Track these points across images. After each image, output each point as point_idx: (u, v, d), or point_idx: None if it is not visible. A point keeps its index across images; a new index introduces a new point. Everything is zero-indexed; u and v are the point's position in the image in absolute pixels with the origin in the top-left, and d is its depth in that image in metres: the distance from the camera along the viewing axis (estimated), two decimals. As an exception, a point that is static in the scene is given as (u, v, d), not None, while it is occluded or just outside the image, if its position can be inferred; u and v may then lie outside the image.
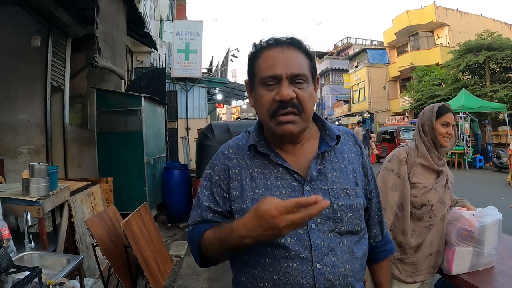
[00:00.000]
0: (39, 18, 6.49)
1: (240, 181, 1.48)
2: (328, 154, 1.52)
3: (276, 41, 1.44)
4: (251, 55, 1.49)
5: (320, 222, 1.40)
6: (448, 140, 2.90)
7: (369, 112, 37.42)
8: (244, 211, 1.40)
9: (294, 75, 1.39)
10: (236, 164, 1.52)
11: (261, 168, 1.49)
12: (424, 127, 2.91)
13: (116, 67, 6.01)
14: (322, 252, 1.38)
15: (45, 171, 3.61)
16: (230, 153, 1.56)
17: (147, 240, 3.97)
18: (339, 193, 1.46)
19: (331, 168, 1.50)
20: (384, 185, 2.77)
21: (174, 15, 20.88)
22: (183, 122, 14.84)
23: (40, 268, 2.21)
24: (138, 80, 11.38)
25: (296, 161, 1.48)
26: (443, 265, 2.88)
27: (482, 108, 19.50)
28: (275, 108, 1.40)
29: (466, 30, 29.40)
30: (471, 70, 25.23)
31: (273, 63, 1.40)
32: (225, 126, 7.35)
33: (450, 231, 2.83)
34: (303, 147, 1.52)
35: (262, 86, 1.42)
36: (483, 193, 10.58)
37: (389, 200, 2.75)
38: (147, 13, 11.18)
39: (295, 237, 1.38)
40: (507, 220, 7.80)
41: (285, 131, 1.41)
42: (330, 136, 1.54)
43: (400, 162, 2.83)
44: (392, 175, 2.81)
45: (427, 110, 2.97)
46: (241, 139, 1.60)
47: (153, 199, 8.29)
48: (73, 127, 8.46)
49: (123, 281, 3.52)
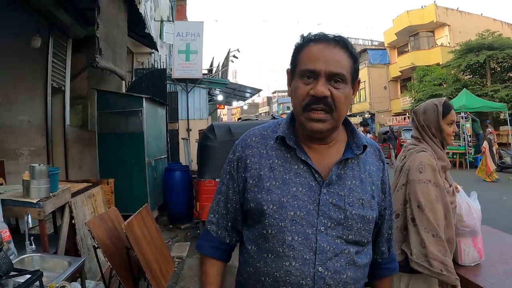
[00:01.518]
0: (39, 19, 6.47)
1: (258, 170, 1.50)
2: (351, 162, 1.51)
3: (323, 36, 1.44)
4: (296, 46, 1.48)
5: (330, 226, 1.40)
6: (453, 138, 2.86)
7: (370, 113, 37.44)
8: (258, 201, 1.45)
9: (332, 73, 1.38)
10: (257, 153, 1.53)
11: (282, 161, 1.49)
12: (431, 129, 2.80)
13: (117, 68, 5.99)
14: (326, 256, 1.38)
15: (46, 173, 3.58)
16: (252, 141, 1.57)
17: (148, 242, 3.94)
18: (354, 201, 1.45)
19: (351, 176, 1.49)
20: (428, 200, 2.51)
21: (174, 16, 20.90)
22: (184, 123, 14.83)
23: (41, 272, 2.18)
24: (138, 81, 11.37)
25: (319, 161, 1.47)
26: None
27: (483, 108, 19.51)
28: (308, 101, 1.39)
29: (467, 30, 29.46)
30: (472, 70, 25.29)
31: (315, 58, 1.39)
32: (227, 126, 7.32)
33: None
34: (329, 149, 1.52)
35: (300, 78, 1.42)
36: (485, 192, 10.55)
37: (438, 214, 2.50)
38: (148, 14, 11.18)
39: (303, 236, 1.38)
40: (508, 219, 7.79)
41: (313, 128, 1.41)
42: (357, 144, 1.53)
43: (434, 170, 2.61)
44: (431, 187, 2.57)
45: (429, 109, 2.81)
46: (267, 128, 1.61)
47: (154, 200, 8.26)
48: (74, 128, 8.44)
49: (125, 283, 3.50)
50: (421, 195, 2.53)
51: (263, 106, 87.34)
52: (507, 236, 3.61)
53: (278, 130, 1.53)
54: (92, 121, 8.93)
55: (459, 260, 2.82)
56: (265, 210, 1.42)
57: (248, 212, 1.52)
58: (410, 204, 2.57)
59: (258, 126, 1.66)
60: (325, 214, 1.40)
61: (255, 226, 1.49)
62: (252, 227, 1.51)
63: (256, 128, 1.64)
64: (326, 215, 1.40)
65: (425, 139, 2.80)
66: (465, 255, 2.81)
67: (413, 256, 2.48)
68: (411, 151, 2.79)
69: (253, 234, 1.50)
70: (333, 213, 1.40)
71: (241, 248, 1.58)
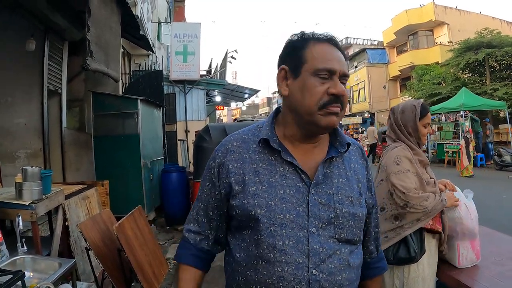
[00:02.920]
0: (35, 22, 6.49)
1: (242, 175, 1.45)
2: (336, 160, 1.51)
3: (328, 36, 1.46)
4: (298, 42, 1.47)
5: (321, 226, 1.38)
6: (425, 139, 2.97)
7: (369, 112, 37.40)
8: (245, 207, 1.41)
9: (344, 74, 1.41)
10: (239, 158, 1.49)
11: (267, 164, 1.45)
12: (408, 128, 2.91)
13: (109, 70, 6.01)
14: (319, 258, 1.35)
15: (38, 175, 3.60)
16: (233, 146, 1.53)
17: (141, 243, 3.95)
18: (343, 199, 1.44)
19: (338, 174, 1.48)
20: (407, 188, 2.65)
21: (173, 17, 20.92)
22: (182, 124, 14.84)
23: (22, 272, 2.19)
24: (135, 83, 11.41)
25: (304, 161, 1.45)
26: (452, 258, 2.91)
27: (483, 106, 19.49)
28: (327, 101, 1.38)
29: (466, 28, 29.37)
30: (471, 68, 25.27)
31: (330, 58, 1.40)
32: (222, 127, 7.34)
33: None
34: (314, 149, 1.51)
35: (315, 77, 1.39)
36: (485, 191, 10.56)
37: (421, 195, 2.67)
38: (144, 16, 11.20)
39: (294, 240, 1.35)
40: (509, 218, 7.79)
41: (331, 122, 1.39)
42: (341, 142, 1.53)
43: (410, 161, 2.78)
44: (411, 175, 2.73)
45: (407, 110, 2.94)
46: (247, 132, 1.58)
47: (151, 202, 8.28)
48: (71, 130, 8.46)
49: (117, 285, 3.51)
50: (399, 183, 2.67)
51: (263, 107, 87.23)
52: (503, 237, 3.62)
53: (260, 133, 1.50)
54: (89, 124, 8.94)
55: (457, 263, 2.85)
56: (253, 215, 1.38)
57: (234, 219, 1.48)
58: (396, 196, 2.68)
59: (237, 131, 1.63)
60: (315, 215, 1.37)
61: (242, 233, 1.46)
62: (239, 234, 1.48)
63: (236, 133, 1.60)
64: (316, 216, 1.37)
65: (400, 138, 2.94)
66: (463, 258, 2.84)
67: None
68: (387, 149, 2.91)
69: (241, 241, 1.46)
70: (323, 212, 1.38)
71: (227, 258, 1.54)
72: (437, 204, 2.67)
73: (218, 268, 3.56)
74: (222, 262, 1.58)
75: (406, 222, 2.66)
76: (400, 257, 2.67)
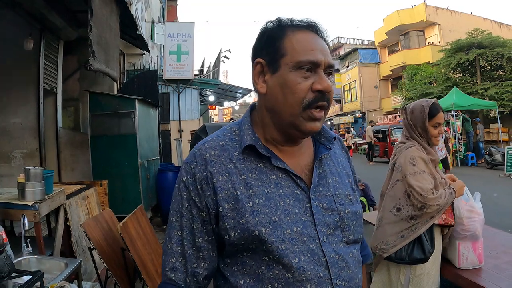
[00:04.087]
0: (31, 21, 6.47)
1: (232, 189, 1.22)
2: (325, 158, 1.38)
3: (308, 23, 1.27)
4: (275, 30, 1.27)
5: (329, 233, 1.24)
6: (439, 139, 2.96)
7: (361, 112, 37.59)
8: (244, 227, 1.19)
9: (330, 65, 1.24)
10: (223, 169, 1.25)
11: (256, 173, 1.25)
12: (417, 129, 2.91)
13: (109, 70, 6.00)
14: (338, 267, 1.21)
15: (41, 175, 3.60)
16: (212, 156, 1.27)
17: (144, 242, 3.96)
18: (343, 199, 1.32)
19: (330, 173, 1.35)
20: (424, 190, 2.66)
21: (165, 17, 20.85)
22: (175, 124, 14.82)
23: (41, 272, 2.21)
24: (130, 82, 11.37)
25: (295, 165, 1.30)
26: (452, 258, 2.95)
27: (474, 106, 19.62)
28: (312, 99, 1.20)
29: (457, 29, 29.66)
30: (462, 68, 25.47)
31: (313, 47, 1.22)
32: (219, 127, 7.24)
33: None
34: (301, 149, 1.35)
35: (296, 71, 1.21)
36: (476, 190, 10.64)
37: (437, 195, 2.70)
38: (139, 15, 11.16)
39: (309, 254, 1.19)
40: (500, 216, 7.89)
41: (313, 129, 1.24)
42: (327, 138, 1.40)
43: (425, 161, 2.80)
44: (427, 176, 2.74)
45: (416, 110, 2.94)
46: (222, 138, 1.33)
47: (147, 201, 8.26)
48: (66, 130, 8.43)
49: (121, 284, 3.52)
50: (416, 185, 2.67)
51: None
52: (496, 231, 3.71)
53: (243, 138, 1.29)
54: (84, 123, 8.92)
55: (457, 264, 2.89)
56: (257, 235, 1.17)
57: (227, 244, 1.24)
58: (413, 197, 2.69)
59: (207, 137, 1.37)
60: (322, 222, 1.23)
61: (239, 256, 1.24)
62: (234, 259, 1.25)
63: (209, 139, 1.34)
64: (322, 223, 1.23)
65: (413, 137, 2.93)
66: (464, 258, 2.87)
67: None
68: (400, 148, 2.92)
69: (241, 265, 1.23)
70: (328, 218, 1.25)
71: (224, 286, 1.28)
72: (448, 198, 2.71)
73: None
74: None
75: (421, 220, 2.70)
76: (415, 258, 2.69)
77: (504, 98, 21.75)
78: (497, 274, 2.71)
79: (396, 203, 2.75)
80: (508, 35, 28.36)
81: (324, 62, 1.21)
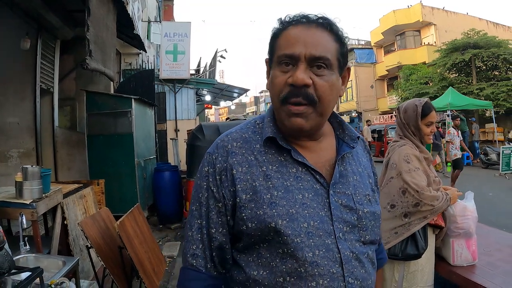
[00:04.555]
0: (28, 20, 6.47)
1: (250, 181, 1.24)
2: (347, 156, 1.37)
3: (304, 17, 1.26)
4: (274, 32, 1.30)
5: (346, 231, 1.24)
6: (431, 137, 3.02)
7: (357, 111, 37.63)
8: (261, 218, 1.20)
9: (314, 57, 1.19)
10: (244, 161, 1.28)
11: (277, 165, 1.27)
12: (410, 127, 2.97)
13: (106, 69, 6.01)
14: (352, 265, 1.22)
15: (38, 174, 3.62)
16: (234, 147, 1.31)
17: (141, 241, 3.98)
18: (362, 199, 1.31)
19: (351, 172, 1.35)
20: (420, 186, 2.74)
21: (162, 16, 20.85)
22: (172, 123, 14.81)
23: (41, 269, 2.23)
24: (127, 81, 11.37)
25: (315, 161, 1.30)
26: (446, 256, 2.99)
27: (469, 106, 19.72)
28: (287, 93, 1.21)
29: (452, 29, 29.70)
30: (458, 68, 25.61)
31: (294, 41, 1.21)
32: (215, 126, 7.38)
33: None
34: (321, 145, 1.35)
35: (278, 66, 1.24)
36: (472, 189, 10.70)
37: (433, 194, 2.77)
38: (135, 15, 11.16)
39: (323, 249, 1.19)
40: (495, 215, 7.94)
41: (294, 124, 1.23)
42: (351, 137, 1.39)
43: (419, 159, 2.86)
44: (421, 173, 2.82)
45: (409, 109, 3.00)
46: (246, 130, 1.37)
47: (144, 200, 8.27)
48: (62, 129, 8.44)
49: (118, 282, 3.53)
50: (411, 182, 2.73)
51: (251, 106, 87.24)
52: (490, 230, 3.76)
53: (264, 131, 1.32)
54: (80, 122, 8.93)
55: (452, 261, 2.93)
56: (273, 227, 1.18)
57: (244, 234, 1.25)
58: (409, 194, 2.74)
59: (231, 128, 1.41)
60: (339, 218, 1.23)
61: (255, 248, 1.25)
62: (251, 250, 1.26)
63: (232, 131, 1.38)
64: (340, 219, 1.24)
65: (406, 136, 2.98)
66: (458, 255, 2.92)
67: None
68: (394, 146, 2.98)
69: (257, 256, 1.24)
70: (345, 215, 1.25)
71: (238, 278, 1.29)
72: (444, 204, 2.77)
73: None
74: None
75: (415, 218, 2.74)
76: (408, 254, 2.74)
77: (499, 98, 21.87)
78: (491, 270, 2.75)
79: (390, 200, 2.80)
80: (504, 35, 28.47)
81: (304, 54, 1.19)
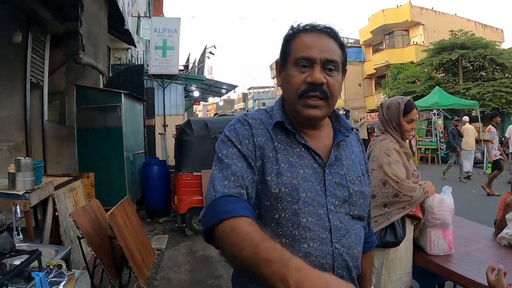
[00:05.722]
0: (19, 14, 6.49)
1: (263, 150, 1.44)
2: (342, 144, 1.58)
3: (315, 27, 1.47)
4: (287, 36, 1.52)
5: (337, 204, 1.45)
6: (411, 134, 3.17)
7: (344, 109, 37.81)
8: (267, 184, 1.38)
9: (327, 60, 1.41)
10: (260, 134, 1.48)
11: (284, 144, 1.47)
12: (392, 123, 3.12)
13: (98, 64, 6.08)
14: (340, 234, 1.41)
15: (31, 166, 3.69)
16: (254, 123, 1.51)
17: (130, 232, 4.08)
18: (353, 179, 1.52)
19: (345, 157, 1.56)
20: (399, 178, 2.90)
21: (151, 11, 20.82)
22: (160, 118, 14.85)
23: (40, 251, 2.31)
24: (116, 76, 11.41)
25: (316, 145, 1.50)
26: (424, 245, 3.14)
27: (455, 105, 19.95)
28: (305, 89, 1.42)
29: (441, 30, 29.94)
30: (445, 68, 25.90)
31: (309, 46, 1.42)
32: (203, 122, 7.47)
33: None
34: (320, 133, 1.56)
35: (295, 67, 1.44)
36: (456, 186, 10.91)
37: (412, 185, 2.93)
38: (126, 10, 11.19)
39: (316, 217, 1.39)
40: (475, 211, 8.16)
41: (310, 114, 1.44)
42: (346, 127, 1.61)
43: (398, 153, 3.02)
44: (401, 166, 2.97)
45: (392, 106, 3.14)
46: (259, 115, 1.57)
47: (132, 194, 8.32)
48: (52, 123, 8.45)
49: (108, 271, 3.63)
50: (391, 173, 2.90)
51: (239, 103, 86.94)
52: (468, 222, 3.94)
53: (274, 117, 1.52)
54: (70, 117, 8.94)
55: (429, 250, 3.08)
56: (276, 193, 1.38)
57: None
58: (389, 185, 2.90)
59: (243, 113, 1.62)
60: (332, 194, 1.44)
61: (260, 211, 1.42)
62: (257, 213, 1.41)
63: (248, 113, 1.59)
64: (333, 194, 1.44)
65: (387, 131, 3.13)
66: (435, 245, 3.07)
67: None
68: (375, 140, 3.14)
69: (260, 219, 1.39)
70: (338, 191, 1.46)
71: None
72: (421, 195, 2.94)
73: (200, 258, 3.62)
74: (205, 252, 1.45)
75: (394, 209, 2.89)
76: (387, 241, 2.90)
77: (485, 98, 22.23)
78: (466, 259, 2.90)
79: (371, 191, 2.94)
80: (492, 36, 28.89)
81: (320, 58, 1.41)
